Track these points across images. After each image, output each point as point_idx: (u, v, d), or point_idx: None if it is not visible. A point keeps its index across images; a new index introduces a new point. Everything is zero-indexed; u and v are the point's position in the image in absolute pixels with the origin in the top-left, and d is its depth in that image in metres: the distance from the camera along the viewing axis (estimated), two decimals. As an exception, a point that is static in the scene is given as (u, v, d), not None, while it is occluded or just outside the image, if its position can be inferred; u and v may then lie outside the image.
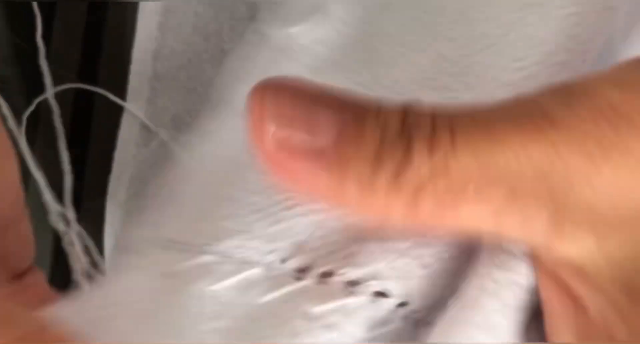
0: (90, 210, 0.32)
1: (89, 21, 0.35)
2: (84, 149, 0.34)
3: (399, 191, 0.14)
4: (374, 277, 0.16)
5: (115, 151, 0.33)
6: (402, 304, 0.16)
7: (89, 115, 0.34)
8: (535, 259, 0.15)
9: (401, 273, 0.16)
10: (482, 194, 0.14)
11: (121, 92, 0.34)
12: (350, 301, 0.15)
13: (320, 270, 0.16)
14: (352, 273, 0.16)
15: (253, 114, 0.15)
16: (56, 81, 0.33)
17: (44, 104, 0.33)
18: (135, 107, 0.34)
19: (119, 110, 0.34)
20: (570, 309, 0.15)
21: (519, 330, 0.15)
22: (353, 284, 0.16)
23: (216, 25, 0.35)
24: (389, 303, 0.16)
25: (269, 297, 0.16)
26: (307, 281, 0.16)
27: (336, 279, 0.16)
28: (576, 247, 0.14)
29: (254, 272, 0.16)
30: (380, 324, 0.16)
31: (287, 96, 0.15)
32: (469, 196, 0.14)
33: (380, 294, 0.16)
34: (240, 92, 0.17)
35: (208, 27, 0.35)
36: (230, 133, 0.19)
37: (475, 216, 0.15)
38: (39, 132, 0.34)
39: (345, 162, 0.14)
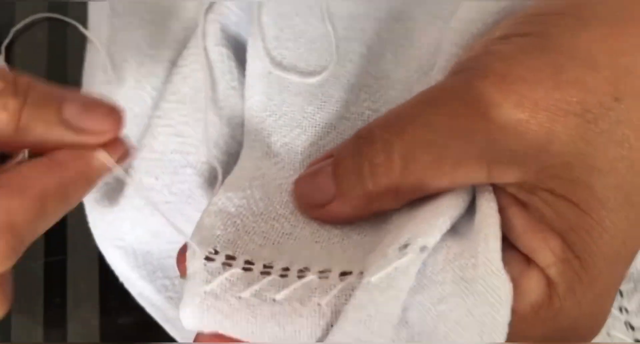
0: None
1: None
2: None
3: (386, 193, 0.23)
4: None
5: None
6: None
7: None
8: (494, 187, 0.22)
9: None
10: (436, 172, 0.22)
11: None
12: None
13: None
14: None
15: None
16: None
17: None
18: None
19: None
20: (518, 208, 0.22)
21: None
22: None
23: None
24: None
25: None
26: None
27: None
28: (509, 176, 0.21)
29: None
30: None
31: None
32: (427, 177, 0.22)
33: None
34: None
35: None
36: None
37: (440, 186, 0.22)
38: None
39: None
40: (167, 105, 0.31)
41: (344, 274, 0.22)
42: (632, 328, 0.30)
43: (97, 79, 0.33)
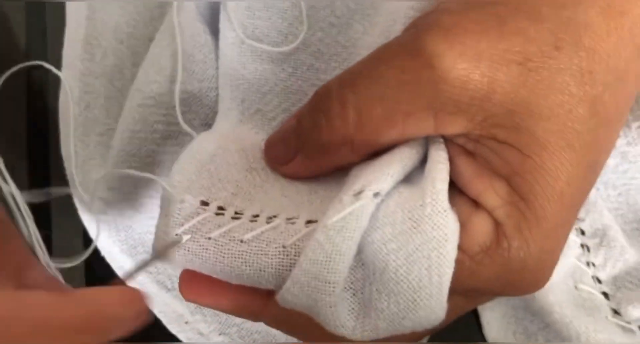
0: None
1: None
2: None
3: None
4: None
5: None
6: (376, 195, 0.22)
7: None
8: (443, 136, 0.23)
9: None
10: (388, 123, 0.23)
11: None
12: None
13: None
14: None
15: None
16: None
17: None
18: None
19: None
20: (465, 157, 0.23)
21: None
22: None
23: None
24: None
25: None
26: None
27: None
28: (456, 126, 0.22)
29: None
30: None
31: None
32: (380, 128, 0.23)
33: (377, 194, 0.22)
34: None
35: None
36: None
37: (392, 138, 0.23)
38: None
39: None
40: (146, 78, 0.31)
41: (309, 222, 0.24)
42: (599, 281, 0.31)
43: (76, 55, 0.34)
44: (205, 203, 0.24)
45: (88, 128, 0.34)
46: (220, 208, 0.24)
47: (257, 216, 0.24)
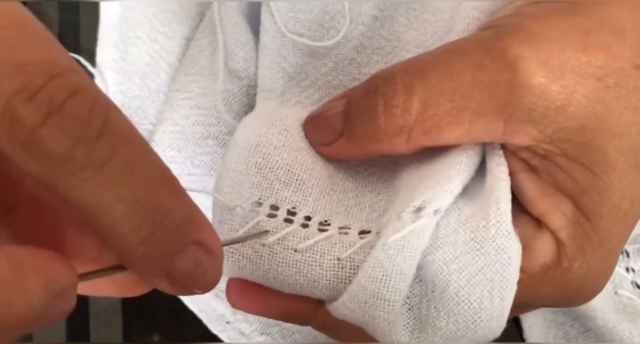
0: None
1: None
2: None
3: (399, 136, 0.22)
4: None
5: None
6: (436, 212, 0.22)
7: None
8: (504, 148, 0.23)
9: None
10: (454, 120, 0.21)
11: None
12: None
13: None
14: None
15: None
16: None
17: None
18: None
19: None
20: (529, 174, 0.23)
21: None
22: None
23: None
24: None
25: None
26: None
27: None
28: (525, 136, 0.21)
29: None
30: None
31: None
32: (444, 125, 0.22)
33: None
34: None
35: None
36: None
37: (454, 136, 0.22)
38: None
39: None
40: (186, 78, 0.31)
41: (362, 232, 0.23)
42: (639, 286, 0.31)
43: (109, 55, 0.33)
44: (258, 204, 0.24)
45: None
46: (274, 207, 0.24)
47: (309, 218, 0.24)
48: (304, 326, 0.26)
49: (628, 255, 0.31)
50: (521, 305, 0.23)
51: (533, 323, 0.32)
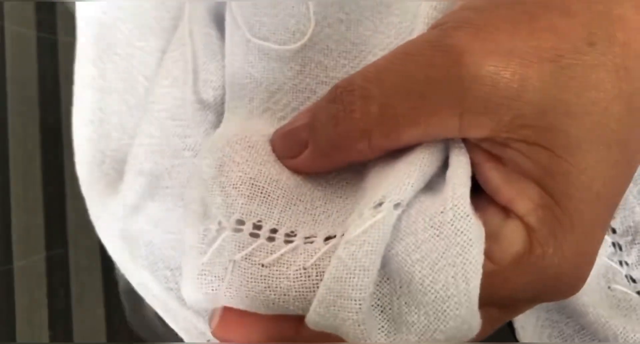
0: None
1: None
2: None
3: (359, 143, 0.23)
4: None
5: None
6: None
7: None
8: (466, 141, 0.23)
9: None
10: (411, 120, 0.22)
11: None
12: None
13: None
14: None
15: None
16: None
17: None
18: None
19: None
20: (493, 163, 0.22)
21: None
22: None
23: None
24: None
25: None
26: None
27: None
28: (482, 128, 0.21)
29: None
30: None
31: None
32: (401, 125, 0.22)
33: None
34: None
35: None
36: None
37: (414, 136, 0.22)
38: None
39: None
40: (161, 90, 0.31)
41: (328, 238, 0.23)
42: (634, 280, 0.30)
43: (88, 72, 0.33)
44: (225, 221, 0.23)
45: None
46: (240, 221, 0.24)
47: (275, 231, 0.23)
48: None
49: (621, 248, 0.30)
50: (502, 299, 0.22)
51: (526, 322, 0.31)
